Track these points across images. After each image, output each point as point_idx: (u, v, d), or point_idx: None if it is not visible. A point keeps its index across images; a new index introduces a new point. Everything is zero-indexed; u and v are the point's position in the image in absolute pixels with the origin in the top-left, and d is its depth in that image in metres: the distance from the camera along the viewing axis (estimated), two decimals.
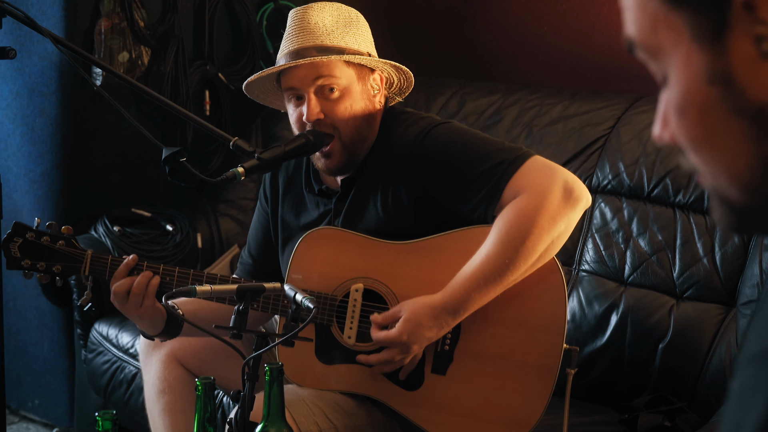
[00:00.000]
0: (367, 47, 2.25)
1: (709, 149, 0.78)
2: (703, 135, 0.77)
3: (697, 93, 0.76)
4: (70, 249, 2.22)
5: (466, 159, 2.16)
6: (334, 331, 2.21)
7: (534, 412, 2.13)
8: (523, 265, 2.08)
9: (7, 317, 3.43)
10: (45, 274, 2.22)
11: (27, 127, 3.34)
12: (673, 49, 0.77)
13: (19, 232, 2.21)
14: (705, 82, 0.75)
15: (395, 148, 2.23)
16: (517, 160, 2.13)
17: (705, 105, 0.76)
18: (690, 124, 0.78)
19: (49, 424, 3.54)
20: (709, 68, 0.75)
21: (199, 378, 1.70)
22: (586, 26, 3.28)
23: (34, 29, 2.24)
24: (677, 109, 0.78)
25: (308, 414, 2.14)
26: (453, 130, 2.23)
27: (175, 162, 2.13)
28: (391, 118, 2.29)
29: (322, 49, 2.18)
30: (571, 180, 2.12)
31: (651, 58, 0.80)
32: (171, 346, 2.39)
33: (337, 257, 2.21)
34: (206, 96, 3.58)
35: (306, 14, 2.22)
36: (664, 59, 0.78)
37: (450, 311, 2.10)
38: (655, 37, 0.78)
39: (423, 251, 2.19)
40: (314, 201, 2.35)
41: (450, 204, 2.18)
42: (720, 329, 2.50)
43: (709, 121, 0.77)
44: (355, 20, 2.26)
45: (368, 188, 2.25)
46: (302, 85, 2.19)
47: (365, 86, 2.24)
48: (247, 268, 2.45)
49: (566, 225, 2.10)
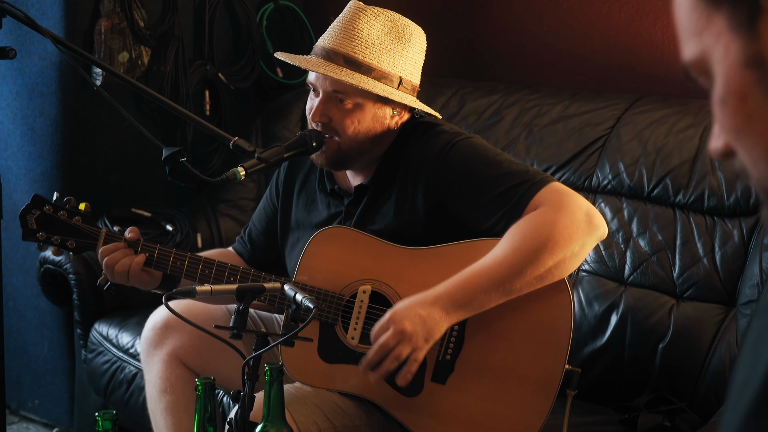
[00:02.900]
0: (404, 69, 2.23)
1: (750, 135, 0.82)
2: (744, 121, 0.81)
3: (735, 79, 0.80)
4: (86, 226, 2.26)
5: (488, 177, 2.15)
6: (338, 330, 2.21)
7: (531, 429, 2.11)
8: (531, 274, 2.06)
9: (7, 317, 3.43)
10: (59, 248, 2.25)
11: (27, 127, 3.34)
12: (714, 48, 0.82)
13: (37, 204, 2.25)
14: (742, 66, 0.80)
15: (416, 158, 2.22)
16: (540, 182, 2.12)
17: (743, 90, 0.80)
18: (731, 113, 0.82)
19: (49, 424, 3.54)
20: (745, 53, 0.79)
21: (199, 378, 1.70)
22: (586, 26, 3.28)
23: (34, 29, 2.24)
24: (720, 100, 0.82)
25: (308, 414, 2.14)
26: (476, 146, 2.22)
27: (175, 162, 2.14)
28: (411, 126, 2.28)
29: (351, 62, 2.18)
30: (592, 209, 2.11)
31: (702, 72, 0.84)
32: (172, 345, 2.39)
33: (347, 257, 2.21)
34: (206, 96, 3.58)
35: (358, 15, 2.21)
36: (710, 65, 0.83)
37: (447, 300, 2.07)
38: (701, 43, 0.83)
39: (434, 258, 2.18)
40: (326, 201, 2.35)
41: (468, 219, 2.17)
42: (720, 329, 2.50)
43: (748, 107, 0.81)
44: (407, 37, 2.24)
45: (382, 195, 2.25)
46: (320, 86, 2.21)
47: (381, 109, 2.23)
48: (244, 253, 2.50)
49: (580, 247, 2.08)
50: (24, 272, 3.46)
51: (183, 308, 2.34)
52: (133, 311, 3.13)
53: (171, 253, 2.25)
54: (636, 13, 3.18)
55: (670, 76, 3.09)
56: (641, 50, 3.16)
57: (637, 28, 3.17)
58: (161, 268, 2.25)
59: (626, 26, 3.19)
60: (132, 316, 3.12)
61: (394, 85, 2.21)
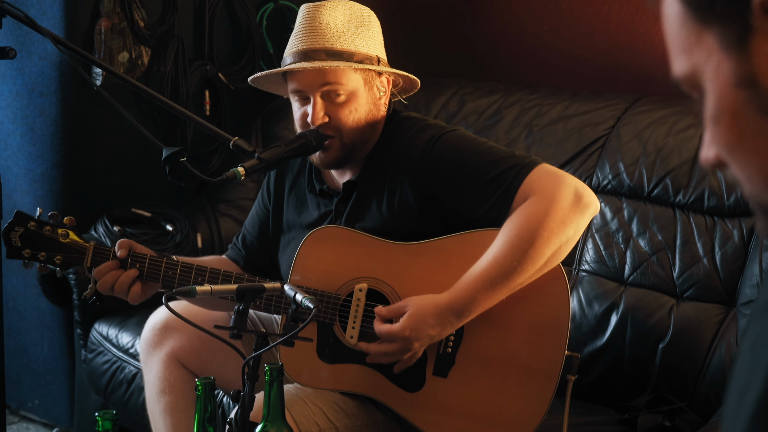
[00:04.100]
0: (377, 50, 2.25)
1: (742, 153, 0.82)
2: (736, 139, 0.82)
3: (727, 98, 0.81)
4: (72, 240, 2.22)
5: (476, 166, 2.17)
6: (336, 330, 2.21)
7: (534, 417, 2.12)
8: (531, 268, 2.08)
9: (7, 317, 3.43)
10: (45, 264, 2.21)
11: (27, 127, 3.34)
12: (705, 65, 0.82)
13: (20, 221, 2.20)
14: (733, 85, 0.80)
15: (402, 154, 2.23)
16: (527, 165, 2.14)
17: (735, 109, 0.81)
18: (724, 131, 0.82)
19: (49, 424, 3.54)
20: (737, 72, 0.79)
21: (199, 378, 1.70)
22: (586, 26, 3.28)
23: (34, 29, 2.24)
24: (712, 118, 0.83)
25: (308, 414, 2.14)
26: (461, 137, 2.24)
27: (175, 162, 2.13)
28: (396, 122, 2.29)
29: (332, 53, 2.19)
30: (581, 187, 2.12)
31: (693, 86, 0.85)
32: (172, 346, 2.39)
33: (341, 256, 2.21)
34: (206, 96, 3.58)
35: (318, 12, 2.22)
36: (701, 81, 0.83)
37: (455, 312, 2.09)
38: (691, 60, 0.83)
39: (428, 253, 2.18)
40: (315, 201, 2.35)
41: (460, 210, 2.18)
42: (720, 329, 2.50)
43: (740, 125, 0.81)
44: (367, 20, 2.25)
45: (371, 191, 2.25)
46: (309, 89, 2.20)
47: (371, 91, 2.25)
48: (239, 260, 2.49)
49: (575, 230, 2.10)
50: (24, 272, 3.45)
51: (182, 309, 2.34)
52: (133, 311, 3.13)
53: (162, 262, 2.21)
54: (636, 13, 3.18)
55: (670, 76, 3.08)
56: (641, 50, 3.16)
57: (637, 28, 3.17)
58: (153, 278, 2.23)
59: (626, 26, 3.19)
60: (132, 316, 3.12)
61: (374, 63, 2.24)
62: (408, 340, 2.10)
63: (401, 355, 2.13)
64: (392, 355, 2.13)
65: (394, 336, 2.10)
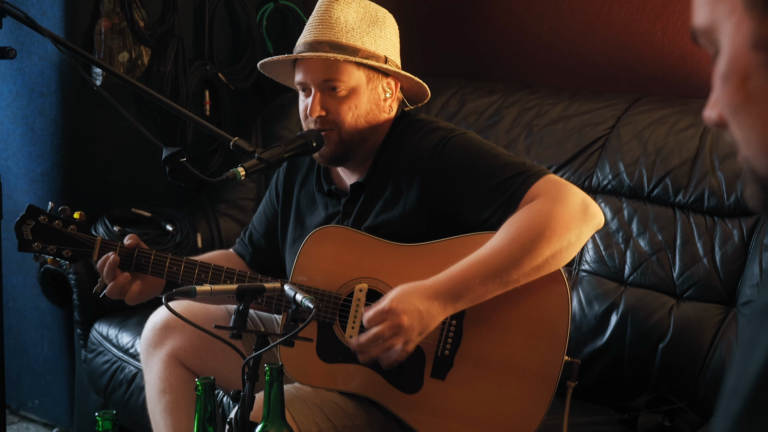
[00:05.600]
0: (386, 50, 2.26)
1: (746, 115, 0.82)
2: (742, 100, 0.82)
3: (741, 58, 0.81)
4: (81, 234, 2.27)
5: (484, 170, 2.16)
6: (336, 329, 2.21)
7: (532, 420, 2.11)
8: (528, 264, 2.06)
9: (7, 317, 3.43)
10: (55, 257, 2.26)
11: (27, 127, 3.34)
12: (726, 22, 0.82)
13: (32, 214, 2.26)
14: (749, 47, 0.80)
15: (411, 156, 2.23)
16: (536, 174, 2.13)
17: (747, 70, 0.81)
18: (731, 90, 0.82)
19: (49, 424, 3.54)
20: (755, 34, 0.80)
21: (199, 378, 1.70)
22: (586, 26, 3.28)
23: (34, 29, 2.24)
24: (722, 75, 0.83)
25: (308, 414, 2.14)
26: (471, 140, 2.23)
27: (175, 162, 2.14)
28: (405, 123, 2.30)
29: (336, 46, 2.21)
30: (588, 199, 2.12)
31: (709, 41, 0.85)
32: (172, 346, 2.40)
33: (343, 256, 2.21)
34: (206, 96, 3.59)
35: (331, 7, 2.24)
36: (719, 36, 0.83)
37: (444, 292, 2.06)
38: (713, 13, 0.83)
39: (430, 254, 2.18)
40: (323, 201, 2.36)
41: (465, 214, 2.17)
42: (720, 329, 2.50)
43: (748, 87, 0.81)
44: (381, 20, 2.26)
45: (379, 192, 2.26)
46: (310, 81, 2.22)
47: (375, 90, 2.25)
48: (245, 255, 2.52)
49: (577, 237, 2.08)
50: (24, 272, 3.46)
51: (182, 309, 2.35)
52: (133, 311, 3.13)
53: (167, 258, 2.26)
54: (636, 13, 3.18)
55: (670, 76, 3.09)
56: (641, 50, 3.16)
57: (637, 28, 3.17)
58: (157, 274, 2.27)
59: (626, 26, 3.19)
60: (132, 316, 3.13)
61: (381, 62, 2.24)
62: (395, 312, 2.04)
63: (392, 336, 2.06)
64: (383, 339, 2.07)
65: (380, 312, 2.06)
